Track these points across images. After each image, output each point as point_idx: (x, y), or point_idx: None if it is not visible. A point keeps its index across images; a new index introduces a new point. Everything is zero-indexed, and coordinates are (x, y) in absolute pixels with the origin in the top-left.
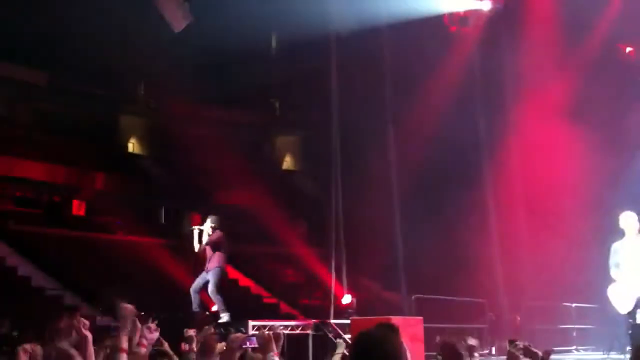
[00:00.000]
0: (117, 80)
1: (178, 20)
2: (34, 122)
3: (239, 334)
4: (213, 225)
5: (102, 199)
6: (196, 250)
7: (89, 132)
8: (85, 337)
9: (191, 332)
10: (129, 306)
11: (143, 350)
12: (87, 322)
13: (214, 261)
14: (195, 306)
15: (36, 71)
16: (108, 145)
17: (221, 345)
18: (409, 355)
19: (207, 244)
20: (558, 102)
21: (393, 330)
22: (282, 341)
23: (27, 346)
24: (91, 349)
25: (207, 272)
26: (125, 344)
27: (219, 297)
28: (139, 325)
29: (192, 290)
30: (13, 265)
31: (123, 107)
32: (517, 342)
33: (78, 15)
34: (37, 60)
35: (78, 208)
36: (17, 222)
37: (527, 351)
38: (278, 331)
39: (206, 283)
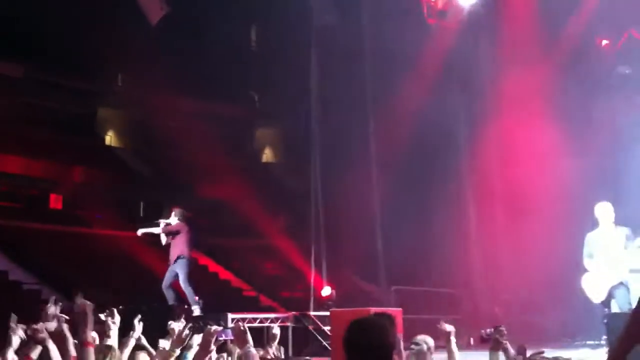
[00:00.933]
0: (94, 73)
1: (155, 12)
2: (11, 115)
3: (214, 328)
4: (178, 217)
5: (81, 193)
6: (163, 243)
7: (66, 125)
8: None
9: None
10: (86, 302)
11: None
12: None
13: (176, 251)
14: (171, 301)
15: (12, 63)
16: (86, 138)
17: (198, 338)
18: (402, 344)
19: (164, 232)
20: (536, 95)
21: (389, 319)
22: (277, 340)
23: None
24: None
25: (173, 261)
26: (90, 337)
27: (189, 288)
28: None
29: (163, 287)
30: None
31: (101, 100)
32: (502, 328)
33: (55, 7)
34: (13, 52)
35: (55, 201)
36: None
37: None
38: (274, 331)
39: (175, 276)
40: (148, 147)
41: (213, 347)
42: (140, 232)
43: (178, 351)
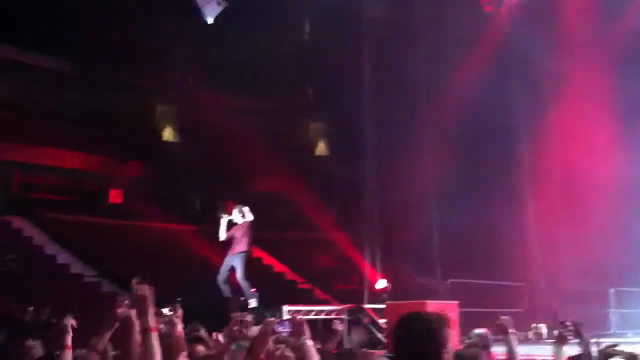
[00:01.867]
0: (151, 69)
1: (211, 8)
2: (70, 112)
3: (272, 319)
4: (241, 214)
5: (138, 188)
6: (221, 239)
7: (124, 121)
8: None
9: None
10: (145, 286)
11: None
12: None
13: (241, 245)
14: (227, 294)
15: (70, 62)
16: (144, 134)
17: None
18: (450, 343)
19: (236, 229)
20: (597, 87)
21: (442, 318)
22: (339, 337)
23: None
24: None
25: (233, 255)
26: (153, 322)
27: (246, 283)
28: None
29: (219, 281)
30: (52, 254)
31: (158, 96)
32: (567, 323)
33: (113, 3)
34: (70, 50)
35: (115, 196)
36: (55, 210)
37: (576, 331)
38: (336, 327)
39: (231, 269)
40: (203, 142)
41: (271, 338)
42: (222, 237)
43: (235, 344)
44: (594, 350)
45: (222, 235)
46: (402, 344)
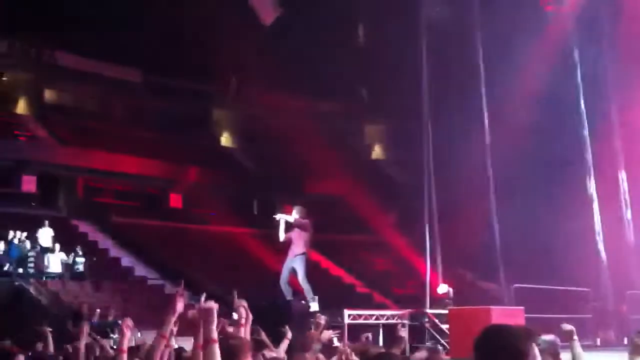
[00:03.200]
0: (208, 76)
1: (268, 14)
2: (132, 118)
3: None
4: (299, 215)
5: (197, 192)
6: (281, 239)
7: (183, 127)
8: None
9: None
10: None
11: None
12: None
13: (300, 246)
14: (289, 296)
15: (131, 68)
16: (202, 139)
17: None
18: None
19: (296, 224)
20: None
21: (530, 334)
22: (403, 343)
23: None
24: None
25: (293, 257)
26: (215, 335)
27: (308, 285)
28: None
29: (281, 282)
30: (117, 257)
31: (216, 101)
32: None
33: (169, 13)
34: (131, 57)
35: (175, 200)
36: (118, 214)
37: None
38: (400, 334)
39: (292, 271)
40: (260, 146)
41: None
42: (278, 216)
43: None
44: None
45: (282, 235)
46: (485, 358)
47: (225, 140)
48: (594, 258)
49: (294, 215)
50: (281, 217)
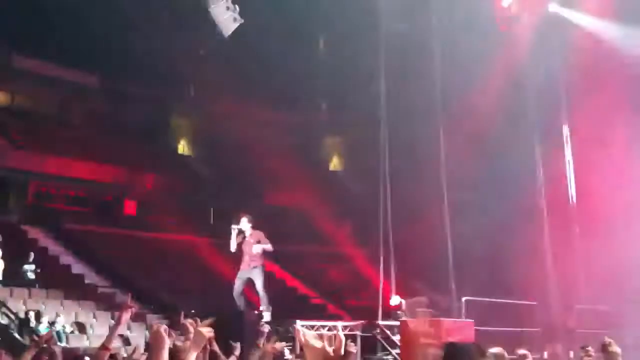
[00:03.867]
0: (167, 82)
1: (228, 24)
2: (87, 123)
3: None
4: (251, 224)
5: (152, 199)
6: (232, 249)
7: (140, 134)
8: None
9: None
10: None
11: None
12: None
13: (259, 259)
14: (242, 307)
15: (88, 73)
16: (159, 146)
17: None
18: None
19: (255, 241)
20: (614, 105)
21: (483, 352)
22: (353, 358)
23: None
24: None
25: (250, 269)
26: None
27: (265, 294)
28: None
29: (235, 294)
30: (67, 264)
31: (173, 109)
32: (588, 348)
33: (128, 19)
34: (88, 62)
35: (129, 207)
36: (70, 221)
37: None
38: (350, 349)
39: (246, 282)
40: (218, 155)
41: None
42: (232, 248)
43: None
44: None
45: (233, 246)
46: None
47: (182, 147)
48: (543, 272)
49: (244, 224)
50: (234, 228)
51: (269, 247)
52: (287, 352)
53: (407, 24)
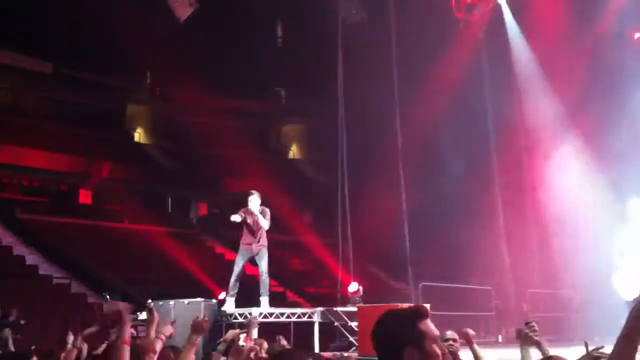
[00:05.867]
0: (123, 70)
1: (183, 9)
2: (40, 111)
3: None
4: (260, 200)
5: (109, 188)
6: (235, 219)
7: (95, 121)
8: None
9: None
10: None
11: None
12: None
13: (265, 240)
14: (232, 294)
15: (42, 60)
16: (115, 134)
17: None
18: (429, 340)
19: (261, 220)
20: (566, 92)
21: (414, 313)
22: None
23: None
24: None
25: (257, 253)
26: (128, 336)
27: (267, 279)
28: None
29: (235, 278)
30: (20, 254)
31: (130, 96)
32: (533, 324)
33: (84, 5)
34: (43, 49)
35: (85, 197)
36: (24, 211)
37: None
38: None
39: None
40: (176, 143)
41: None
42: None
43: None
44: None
45: (236, 217)
46: (377, 342)
47: (139, 136)
48: (498, 259)
49: (253, 202)
50: (235, 218)
51: (265, 223)
52: (242, 338)
53: (366, 10)
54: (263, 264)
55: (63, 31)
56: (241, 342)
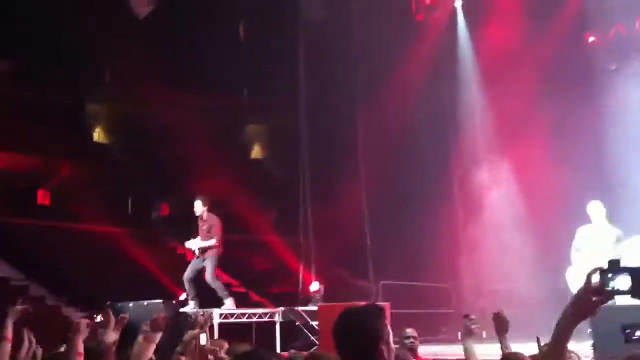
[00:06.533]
0: (82, 67)
1: (142, 6)
2: None
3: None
4: (205, 207)
5: (68, 188)
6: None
7: (53, 120)
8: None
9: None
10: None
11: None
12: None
13: (212, 249)
14: (191, 294)
15: (3, 57)
16: (74, 133)
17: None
18: (391, 336)
19: (208, 227)
20: (523, 91)
21: (379, 311)
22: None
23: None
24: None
25: (203, 258)
26: (81, 348)
27: (218, 283)
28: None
29: (186, 279)
30: None
31: (89, 94)
32: (471, 317)
33: (42, 0)
34: (4, 46)
35: (43, 197)
36: None
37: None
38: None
39: (199, 270)
40: (136, 142)
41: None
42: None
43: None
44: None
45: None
46: (340, 341)
47: (98, 134)
48: (454, 256)
49: (199, 206)
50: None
51: (210, 242)
52: (202, 338)
53: (327, 10)
54: (208, 270)
55: (19, 26)
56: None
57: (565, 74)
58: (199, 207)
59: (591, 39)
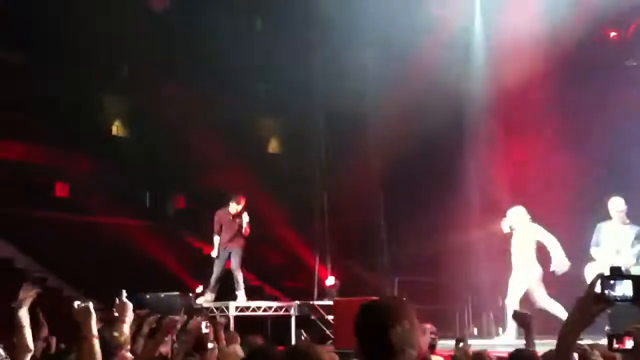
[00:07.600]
0: (100, 61)
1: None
2: (15, 103)
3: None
4: (241, 205)
5: (87, 181)
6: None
7: (72, 114)
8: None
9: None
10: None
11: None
12: None
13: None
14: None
15: (15, 51)
16: (92, 127)
17: (197, 320)
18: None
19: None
20: (539, 92)
21: (403, 303)
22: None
23: None
24: None
25: (230, 249)
26: (95, 330)
27: (241, 275)
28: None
29: (218, 277)
30: None
31: (106, 88)
32: (462, 343)
33: None
34: (16, 40)
35: (61, 190)
36: None
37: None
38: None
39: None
40: (154, 137)
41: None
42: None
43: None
44: None
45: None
46: (361, 334)
47: (117, 128)
48: (473, 253)
49: (234, 206)
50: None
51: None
52: (203, 326)
53: (342, 7)
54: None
55: (36, 20)
56: (204, 330)
57: (582, 72)
58: (233, 207)
59: (612, 34)
